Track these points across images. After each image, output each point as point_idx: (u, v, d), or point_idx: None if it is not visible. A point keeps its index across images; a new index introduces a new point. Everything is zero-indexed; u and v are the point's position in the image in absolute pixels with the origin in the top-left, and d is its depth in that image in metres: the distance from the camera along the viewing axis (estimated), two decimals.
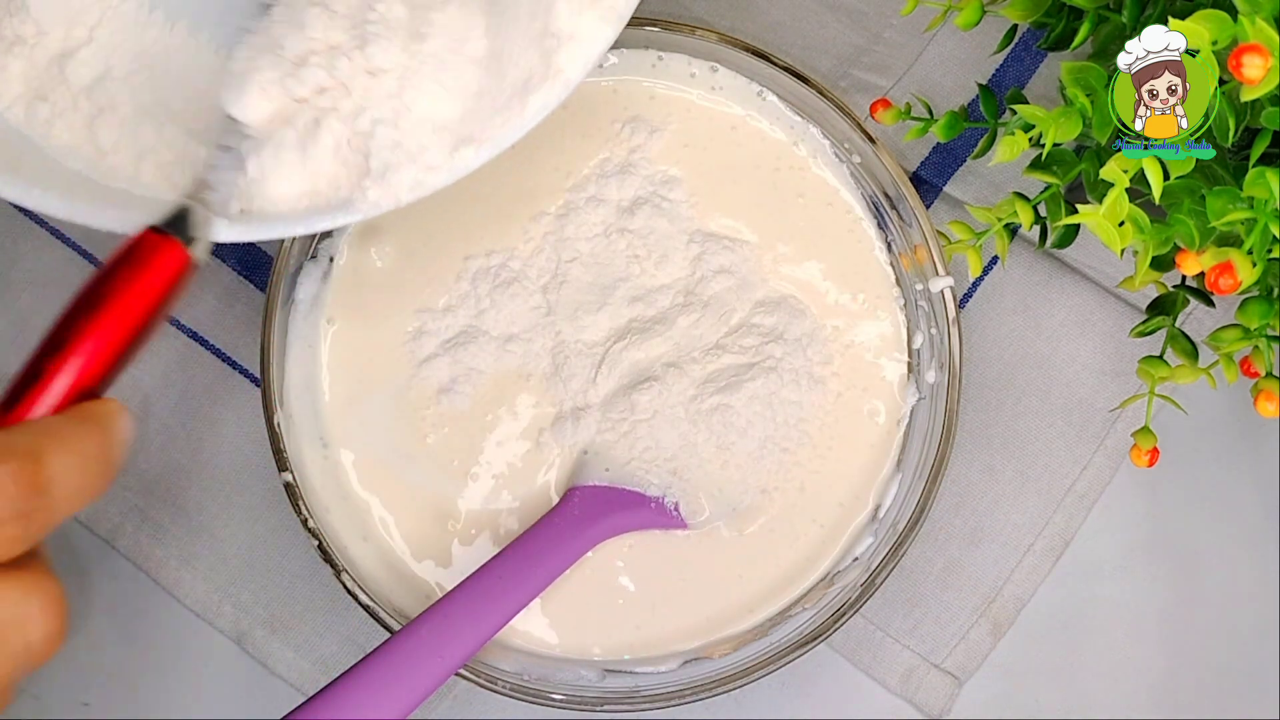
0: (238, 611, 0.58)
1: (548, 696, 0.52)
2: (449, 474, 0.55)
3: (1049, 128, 0.45)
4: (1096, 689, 0.59)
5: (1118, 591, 0.60)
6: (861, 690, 0.59)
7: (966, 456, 0.59)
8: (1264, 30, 0.39)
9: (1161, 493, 0.60)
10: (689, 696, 0.52)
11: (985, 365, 0.60)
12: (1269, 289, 0.48)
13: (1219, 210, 0.43)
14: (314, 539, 0.52)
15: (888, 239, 0.57)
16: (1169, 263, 0.48)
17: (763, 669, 0.52)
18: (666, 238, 0.56)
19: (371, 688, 0.45)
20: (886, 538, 0.54)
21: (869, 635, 0.58)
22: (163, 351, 0.59)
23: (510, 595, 0.50)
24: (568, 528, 0.53)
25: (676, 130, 0.57)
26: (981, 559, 0.59)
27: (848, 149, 0.56)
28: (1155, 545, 0.60)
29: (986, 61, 0.61)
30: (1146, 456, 0.53)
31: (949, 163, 0.61)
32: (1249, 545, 0.60)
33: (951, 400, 0.54)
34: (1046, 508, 0.60)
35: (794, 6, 0.62)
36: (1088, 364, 0.60)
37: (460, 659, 0.48)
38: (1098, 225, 0.44)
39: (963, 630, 0.59)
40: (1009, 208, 0.51)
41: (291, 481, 0.52)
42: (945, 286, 0.55)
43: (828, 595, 0.54)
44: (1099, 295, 0.60)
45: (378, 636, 0.49)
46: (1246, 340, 0.49)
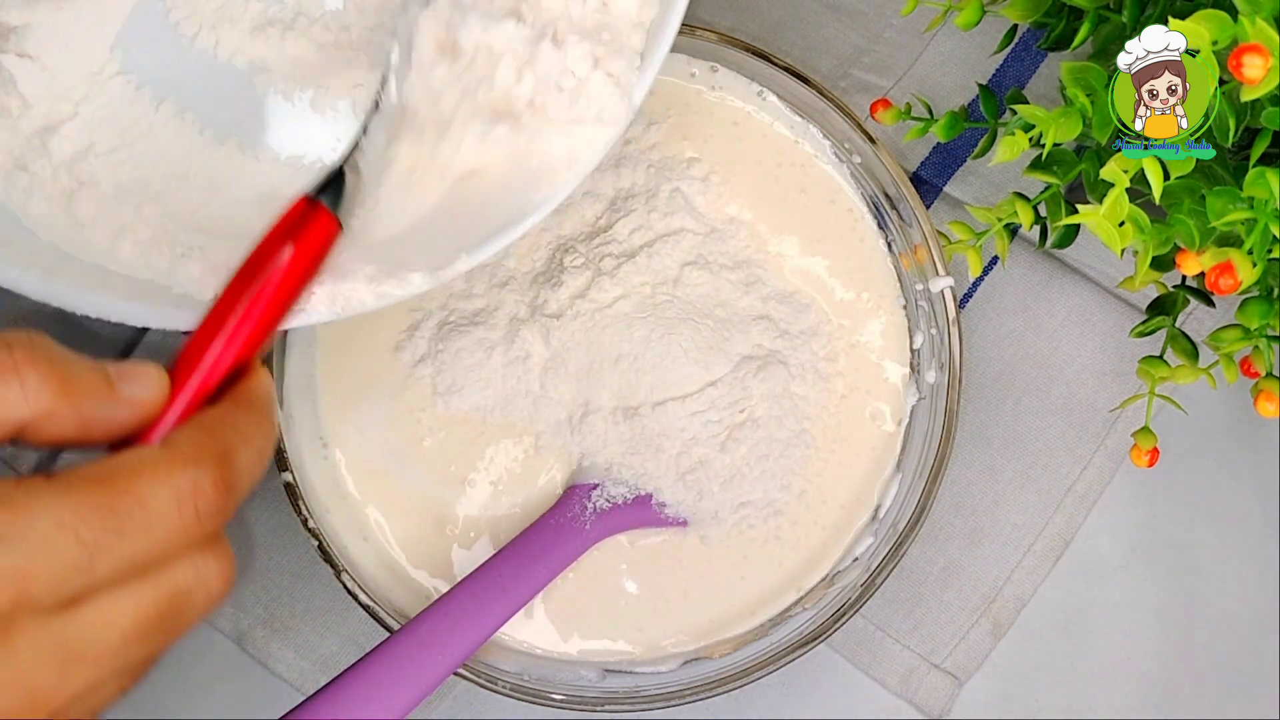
0: (238, 611, 0.58)
1: (548, 696, 0.52)
2: (446, 479, 0.55)
3: (1049, 128, 0.45)
4: (1096, 689, 0.59)
5: (1118, 591, 0.60)
6: (861, 690, 0.59)
7: (966, 456, 0.59)
8: (1264, 30, 0.39)
9: (1161, 493, 0.60)
10: (689, 696, 0.52)
11: (985, 365, 0.60)
12: (1269, 289, 0.48)
13: (1219, 210, 0.43)
14: (314, 539, 0.52)
15: (888, 239, 0.57)
16: (1169, 263, 0.48)
17: (763, 669, 0.52)
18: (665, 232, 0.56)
19: (372, 686, 0.45)
20: (886, 538, 0.54)
21: (869, 635, 0.58)
22: (163, 352, 0.59)
23: (510, 593, 0.50)
24: (567, 526, 0.53)
25: (675, 124, 0.57)
26: (981, 559, 0.59)
27: (848, 149, 0.56)
28: (1155, 545, 0.60)
29: (986, 61, 0.61)
30: (1146, 456, 0.53)
31: (949, 163, 0.61)
32: (1248, 545, 0.60)
33: (951, 400, 0.54)
34: (1046, 508, 0.60)
35: (794, 6, 0.62)
36: (1088, 364, 0.60)
37: (461, 657, 0.48)
38: (1098, 225, 0.44)
39: (963, 630, 0.59)
40: (1009, 208, 0.51)
41: (291, 481, 0.52)
42: (945, 286, 0.55)
43: (828, 595, 0.54)
44: (1099, 295, 0.60)
45: (378, 636, 0.49)
46: (1246, 340, 0.49)
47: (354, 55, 0.49)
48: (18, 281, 0.42)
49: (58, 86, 0.46)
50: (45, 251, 0.44)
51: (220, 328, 0.38)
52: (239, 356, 0.38)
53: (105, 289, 0.43)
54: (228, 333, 0.38)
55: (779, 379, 0.55)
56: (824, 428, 0.56)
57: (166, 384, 0.37)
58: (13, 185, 0.45)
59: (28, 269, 0.42)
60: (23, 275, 0.42)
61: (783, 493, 0.55)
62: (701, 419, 0.54)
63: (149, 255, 0.45)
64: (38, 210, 0.45)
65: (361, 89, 0.49)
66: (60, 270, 0.44)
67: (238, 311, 0.38)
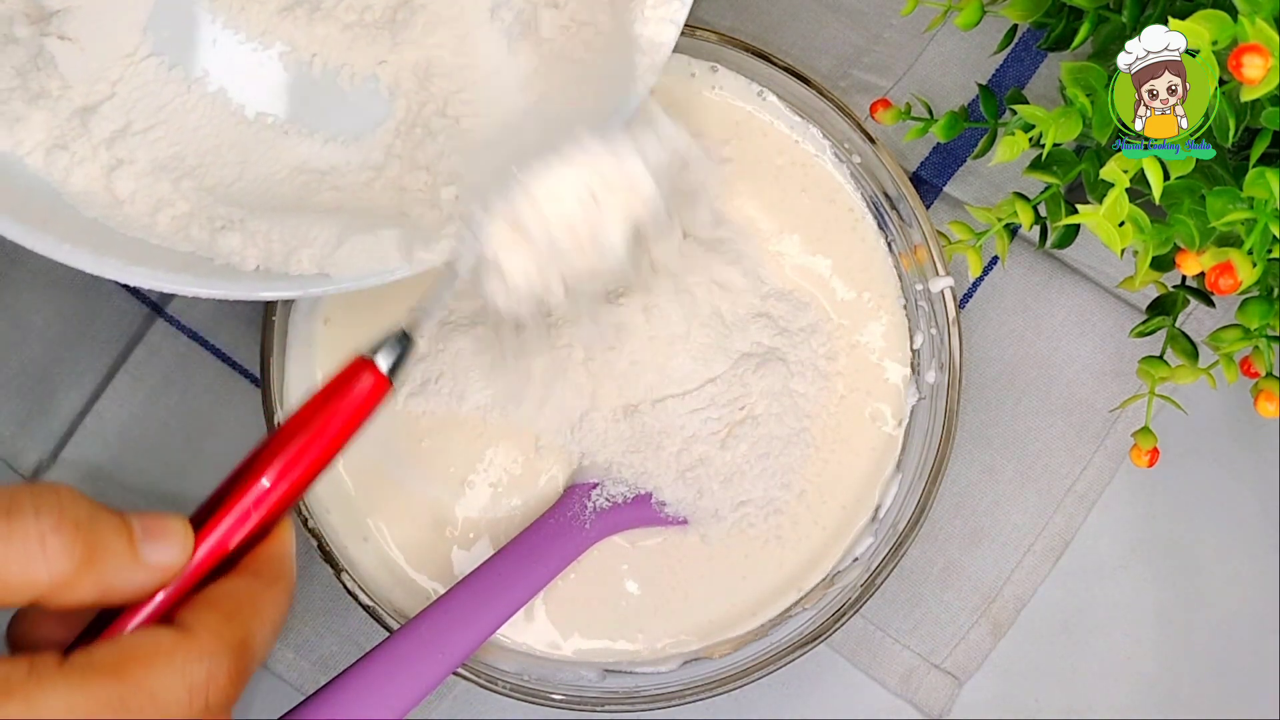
0: None
1: (548, 696, 0.52)
2: (445, 480, 0.55)
3: (1049, 128, 0.45)
4: (1096, 689, 0.59)
5: (1118, 591, 0.60)
6: (861, 690, 0.59)
7: (966, 456, 0.59)
8: (1264, 30, 0.39)
9: (1161, 493, 0.60)
10: (689, 696, 0.52)
11: (985, 365, 0.60)
12: (1269, 289, 0.48)
13: (1219, 210, 0.43)
14: (314, 539, 0.52)
15: (888, 239, 0.57)
16: (1169, 263, 0.48)
17: (763, 669, 0.52)
18: None
19: (372, 685, 0.45)
20: (886, 538, 0.54)
21: (869, 635, 0.58)
22: (163, 351, 0.59)
23: (510, 593, 0.50)
24: (567, 525, 0.53)
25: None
26: (981, 559, 0.59)
27: (848, 149, 0.56)
28: (1155, 545, 0.60)
29: (986, 61, 0.61)
30: (1146, 456, 0.53)
31: (949, 163, 0.61)
32: (1248, 545, 0.60)
33: (951, 400, 0.54)
34: (1046, 508, 0.60)
35: (794, 6, 0.62)
36: (1088, 364, 0.60)
37: (461, 656, 0.48)
38: (1098, 225, 0.44)
39: (963, 630, 0.59)
40: (1009, 208, 0.51)
41: None
42: (945, 286, 0.55)
43: (828, 595, 0.54)
44: (1099, 295, 0.60)
45: (378, 636, 0.49)
46: (1246, 340, 0.49)
47: (377, 34, 0.50)
48: (70, 256, 0.44)
49: (95, 67, 0.48)
50: (89, 227, 0.46)
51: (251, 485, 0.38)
52: (267, 517, 0.38)
53: (150, 262, 0.45)
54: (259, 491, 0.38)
55: (778, 376, 0.55)
56: (824, 427, 0.56)
57: (191, 546, 0.37)
58: (54, 163, 0.46)
59: (79, 246, 0.44)
60: (74, 251, 0.44)
61: (783, 491, 0.55)
62: (701, 416, 0.54)
63: (188, 228, 0.47)
64: (78, 187, 0.46)
65: (385, 65, 0.50)
66: (107, 245, 0.45)
67: (275, 468, 0.38)
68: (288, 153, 0.50)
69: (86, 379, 0.59)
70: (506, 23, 0.50)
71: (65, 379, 0.59)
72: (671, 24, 0.48)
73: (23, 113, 0.46)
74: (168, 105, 0.49)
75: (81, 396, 0.59)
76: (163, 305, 0.59)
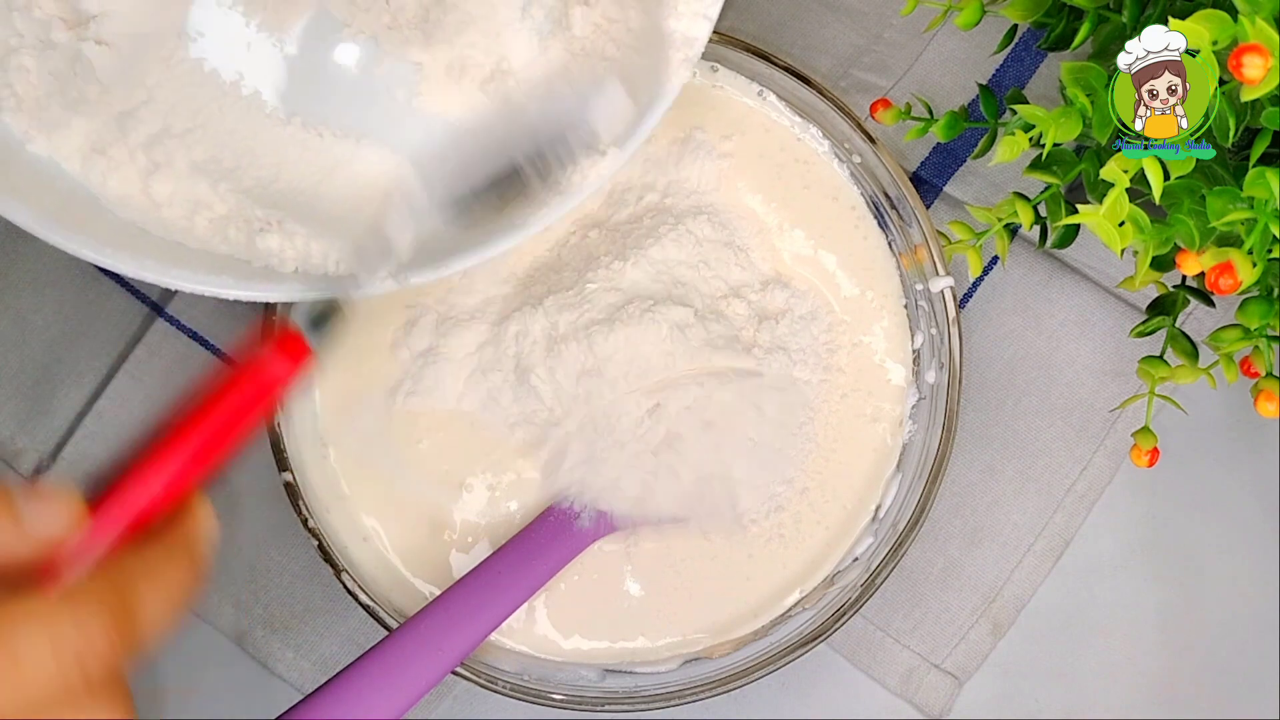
0: (238, 611, 0.58)
1: (548, 696, 0.52)
2: (443, 482, 0.55)
3: (1049, 128, 0.45)
4: (1096, 689, 0.59)
5: (1118, 591, 0.60)
6: (861, 690, 0.59)
7: (966, 456, 0.59)
8: (1264, 30, 0.39)
9: (1161, 493, 0.60)
10: (689, 696, 0.52)
11: (985, 365, 0.60)
12: (1269, 289, 0.48)
13: (1219, 210, 0.43)
14: (314, 539, 0.52)
15: (888, 239, 0.57)
16: (1169, 263, 0.48)
17: (763, 669, 0.52)
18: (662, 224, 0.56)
19: (371, 684, 0.45)
20: (886, 538, 0.54)
21: (869, 635, 0.58)
22: (163, 351, 0.59)
23: (509, 592, 0.50)
24: (567, 524, 0.53)
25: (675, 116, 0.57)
26: (981, 559, 0.59)
27: (848, 149, 0.56)
28: (1155, 545, 0.60)
29: (986, 61, 0.61)
30: (1146, 456, 0.53)
31: (949, 163, 0.61)
32: (1249, 545, 0.60)
33: (951, 400, 0.54)
34: (1046, 508, 0.60)
35: (794, 6, 0.62)
36: (1088, 364, 0.60)
37: (460, 655, 0.48)
38: (1098, 225, 0.44)
39: (963, 630, 0.59)
40: (1009, 208, 0.51)
41: (291, 481, 0.52)
42: (945, 286, 0.55)
43: (828, 595, 0.54)
44: (1099, 295, 0.60)
45: (378, 636, 0.49)
46: (1246, 340, 0.49)
47: (410, 34, 0.50)
48: (110, 260, 0.44)
49: (133, 72, 0.48)
50: (128, 231, 0.46)
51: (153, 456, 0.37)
52: (174, 490, 0.37)
53: (189, 265, 0.45)
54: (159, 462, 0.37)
55: (780, 365, 0.55)
56: (825, 429, 0.56)
57: (78, 517, 0.36)
58: (92, 168, 0.46)
59: (119, 249, 0.44)
60: (115, 255, 0.44)
61: (785, 487, 0.55)
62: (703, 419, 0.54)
63: (226, 230, 0.47)
64: (116, 191, 0.46)
65: (420, 68, 0.50)
66: (146, 248, 0.45)
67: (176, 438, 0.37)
68: (321, 154, 0.50)
69: (86, 379, 0.59)
70: (538, 20, 0.50)
71: (65, 379, 0.59)
72: (705, 19, 0.47)
73: (61, 118, 0.46)
74: (204, 108, 0.49)
75: (81, 396, 0.59)
76: (163, 305, 0.59)
